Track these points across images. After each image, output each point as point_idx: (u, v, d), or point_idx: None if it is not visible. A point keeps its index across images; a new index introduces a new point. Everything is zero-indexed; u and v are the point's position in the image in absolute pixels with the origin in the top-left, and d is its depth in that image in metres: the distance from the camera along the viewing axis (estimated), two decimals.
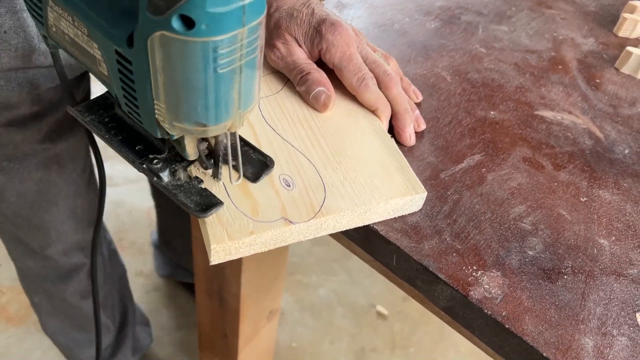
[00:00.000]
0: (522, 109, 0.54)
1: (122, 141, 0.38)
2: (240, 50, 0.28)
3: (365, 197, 0.40)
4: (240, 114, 0.32)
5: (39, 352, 1.16)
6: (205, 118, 0.30)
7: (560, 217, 0.44)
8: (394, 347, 1.28)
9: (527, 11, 0.72)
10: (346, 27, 0.46)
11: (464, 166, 0.47)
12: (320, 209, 0.38)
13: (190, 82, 0.28)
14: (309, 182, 0.40)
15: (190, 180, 0.38)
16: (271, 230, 0.36)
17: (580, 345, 0.36)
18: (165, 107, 0.30)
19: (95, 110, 0.40)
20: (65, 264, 0.77)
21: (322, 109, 0.45)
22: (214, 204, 0.36)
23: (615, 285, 0.40)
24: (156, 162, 0.37)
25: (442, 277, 0.38)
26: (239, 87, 0.30)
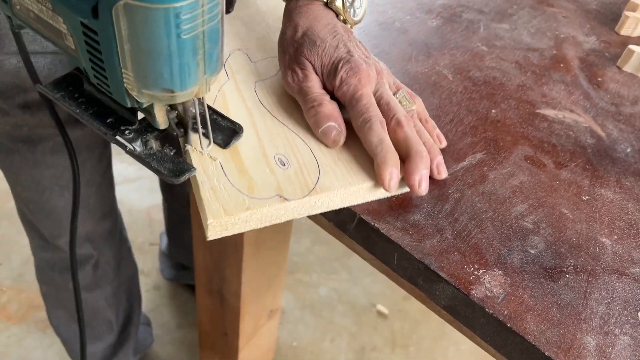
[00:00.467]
0: (523, 107, 0.54)
1: (92, 115, 0.39)
2: (202, 16, 0.29)
3: (358, 177, 0.41)
4: (206, 80, 0.33)
5: (39, 351, 1.16)
6: (172, 84, 0.31)
7: (562, 216, 0.44)
8: (394, 345, 1.28)
9: (529, 9, 0.72)
10: (365, 69, 0.43)
11: (465, 164, 0.46)
12: (315, 187, 0.39)
13: (155, 49, 0.29)
14: (303, 162, 0.41)
15: (162, 149, 0.39)
16: (266, 206, 0.37)
17: (582, 344, 0.36)
18: (133, 75, 0.31)
19: (64, 87, 0.40)
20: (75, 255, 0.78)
21: (332, 145, 0.42)
22: (187, 169, 0.37)
23: (618, 284, 0.40)
24: (128, 133, 0.38)
25: (443, 276, 0.38)
26: (203, 52, 0.31)
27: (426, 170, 0.41)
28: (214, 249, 0.77)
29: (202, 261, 0.83)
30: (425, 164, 0.40)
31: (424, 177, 0.40)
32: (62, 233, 0.74)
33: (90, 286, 0.84)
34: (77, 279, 0.56)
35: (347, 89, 0.43)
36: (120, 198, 0.90)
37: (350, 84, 0.42)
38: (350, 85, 0.42)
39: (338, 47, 0.44)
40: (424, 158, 0.41)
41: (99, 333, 0.93)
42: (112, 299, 0.90)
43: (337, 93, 0.43)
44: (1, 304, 1.24)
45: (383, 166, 0.40)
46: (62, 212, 0.71)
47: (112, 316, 0.92)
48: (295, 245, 1.46)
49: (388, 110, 0.42)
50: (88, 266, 0.81)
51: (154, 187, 1.51)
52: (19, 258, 1.33)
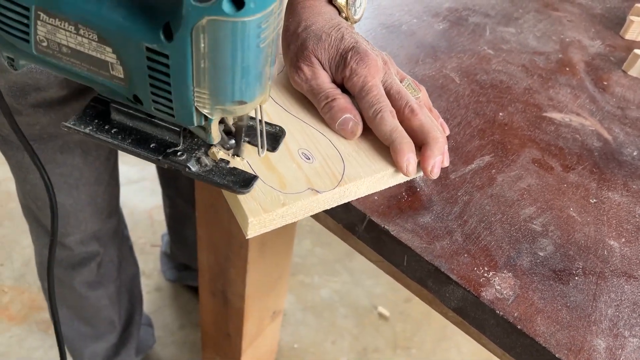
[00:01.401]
0: (530, 110, 0.54)
1: (134, 143, 0.38)
2: (274, 22, 0.29)
3: (381, 164, 0.42)
4: (269, 86, 0.33)
5: (40, 352, 1.16)
6: (246, 95, 0.31)
7: (570, 219, 0.44)
8: (396, 347, 1.28)
9: (534, 13, 0.72)
10: (373, 58, 0.44)
11: (473, 167, 0.47)
12: (342, 177, 0.40)
13: (236, 62, 0.29)
14: (326, 154, 0.42)
15: (216, 164, 0.39)
16: (300, 200, 0.38)
17: (592, 346, 0.36)
18: (207, 92, 0.31)
19: (89, 121, 0.39)
20: (80, 252, 0.78)
21: (350, 137, 0.43)
22: (251, 178, 0.38)
23: (627, 287, 0.40)
24: (180, 154, 0.38)
25: (453, 278, 0.38)
26: (271, 59, 0.31)
27: (441, 155, 0.42)
28: (218, 250, 0.77)
29: (206, 262, 0.83)
30: (440, 149, 0.42)
31: (438, 163, 0.42)
32: (69, 231, 0.74)
33: (94, 284, 0.84)
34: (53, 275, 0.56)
35: (357, 80, 0.43)
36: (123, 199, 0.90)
37: (360, 74, 0.43)
38: (360, 76, 0.43)
39: (344, 39, 0.44)
40: (440, 144, 0.42)
41: (102, 332, 0.93)
42: (114, 298, 0.90)
43: (347, 84, 0.44)
44: (3, 304, 1.24)
45: (400, 153, 0.41)
46: (70, 209, 0.71)
47: (115, 315, 0.92)
48: (297, 247, 1.46)
49: (400, 99, 0.43)
50: (93, 264, 0.81)
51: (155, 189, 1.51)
52: (21, 259, 1.33)
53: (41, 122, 0.60)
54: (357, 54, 0.43)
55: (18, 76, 0.54)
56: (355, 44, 0.44)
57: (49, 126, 0.61)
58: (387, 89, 0.44)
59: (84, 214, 0.73)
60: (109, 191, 0.75)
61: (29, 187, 0.69)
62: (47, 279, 0.85)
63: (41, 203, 0.71)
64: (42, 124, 0.60)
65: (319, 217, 0.49)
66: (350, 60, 0.43)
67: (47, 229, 0.75)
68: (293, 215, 0.39)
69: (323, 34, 0.44)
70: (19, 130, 0.42)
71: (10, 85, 0.55)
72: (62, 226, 0.73)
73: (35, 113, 0.59)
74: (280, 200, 0.38)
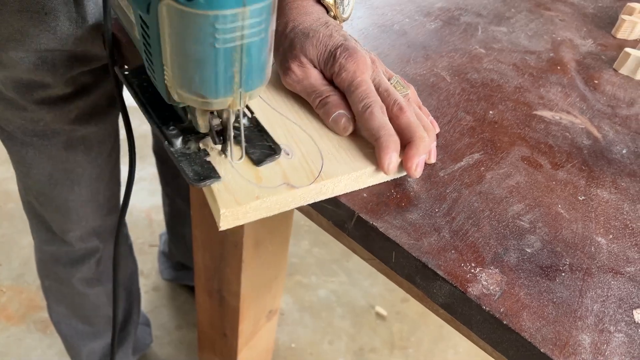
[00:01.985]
0: (520, 108, 0.55)
1: (151, 105, 0.40)
2: (242, 31, 0.29)
3: (360, 162, 0.42)
4: (240, 93, 0.33)
5: (38, 351, 1.16)
6: (203, 90, 0.32)
7: (558, 216, 0.44)
8: (393, 347, 1.28)
9: (526, 13, 0.72)
10: (362, 54, 0.44)
11: (463, 165, 0.47)
12: (320, 174, 0.41)
13: (188, 53, 0.30)
14: (306, 151, 0.42)
15: (198, 152, 0.39)
16: (275, 194, 0.39)
17: (577, 341, 0.36)
18: (171, 73, 0.32)
19: (139, 75, 0.42)
20: (80, 248, 0.79)
21: (343, 132, 0.43)
22: (211, 176, 0.38)
23: (613, 283, 0.40)
24: (172, 129, 0.39)
25: (440, 274, 0.39)
26: (239, 65, 0.31)
27: (425, 155, 0.42)
28: (213, 250, 0.78)
29: (201, 262, 0.83)
30: (425, 148, 0.42)
31: (421, 162, 0.42)
32: (71, 227, 0.75)
33: (93, 281, 0.84)
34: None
35: (345, 75, 0.43)
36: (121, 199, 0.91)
37: (349, 70, 0.43)
38: (349, 71, 0.43)
39: (332, 36, 0.45)
40: (425, 143, 0.42)
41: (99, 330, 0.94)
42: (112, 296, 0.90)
43: (336, 79, 0.44)
44: (1, 304, 1.24)
45: (385, 150, 0.41)
46: (72, 205, 0.72)
47: None
48: (294, 247, 1.46)
49: (388, 97, 0.43)
50: (92, 261, 0.82)
51: (154, 189, 1.51)
52: (19, 258, 1.33)
53: (45, 118, 0.61)
54: (346, 50, 0.44)
55: (24, 73, 0.54)
56: (344, 41, 0.44)
57: (52, 122, 0.62)
58: (375, 86, 0.44)
59: (85, 209, 0.74)
60: (109, 188, 0.76)
61: (31, 182, 0.70)
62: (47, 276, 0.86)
63: (43, 198, 0.71)
64: (46, 120, 0.61)
65: (312, 215, 0.50)
66: (339, 56, 0.44)
67: (48, 226, 0.76)
68: (267, 209, 0.39)
69: (311, 32, 0.45)
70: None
71: (16, 81, 0.55)
72: (63, 222, 0.74)
73: (39, 110, 0.59)
74: (255, 193, 0.38)
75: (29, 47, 0.52)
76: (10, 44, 0.51)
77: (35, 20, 0.50)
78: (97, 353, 0.97)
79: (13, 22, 0.50)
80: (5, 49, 0.51)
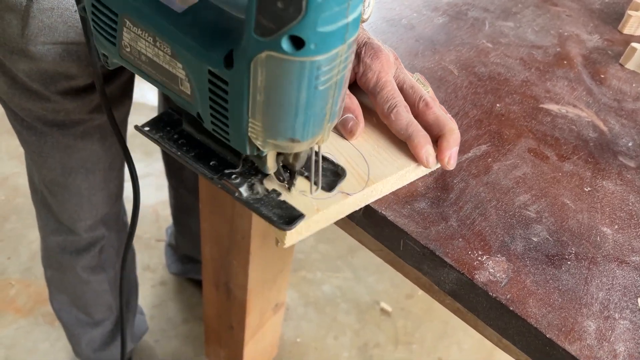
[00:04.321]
0: (527, 102, 0.55)
1: (195, 157, 0.39)
2: (339, 66, 0.29)
3: (403, 160, 0.43)
4: (328, 127, 0.32)
5: (46, 344, 1.18)
6: (300, 134, 0.31)
7: (564, 206, 0.45)
8: (397, 343, 1.28)
9: (533, 8, 0.73)
10: (386, 53, 0.45)
11: (470, 156, 0.48)
12: (369, 177, 0.41)
13: (291, 100, 0.29)
14: (349, 156, 0.43)
15: (268, 194, 0.38)
16: (333, 204, 0.39)
17: (582, 327, 0.37)
18: (261, 125, 0.31)
19: (161, 128, 0.40)
20: (87, 237, 0.80)
21: (349, 136, 0.44)
22: (297, 216, 0.37)
23: (618, 272, 0.41)
24: (234, 177, 0.38)
25: (448, 261, 0.39)
26: (332, 101, 0.31)
27: (457, 146, 0.43)
28: (221, 242, 0.79)
29: (209, 255, 0.84)
30: (456, 141, 0.43)
31: (454, 154, 0.43)
32: (82, 216, 0.76)
33: (96, 269, 0.86)
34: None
35: (371, 75, 0.44)
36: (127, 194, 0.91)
37: (375, 70, 0.44)
38: (374, 71, 0.44)
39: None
40: (455, 135, 0.43)
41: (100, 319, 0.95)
42: (113, 284, 0.91)
43: (361, 80, 0.45)
44: (10, 297, 1.25)
45: (419, 146, 0.42)
46: (84, 193, 0.73)
47: (113, 301, 0.94)
48: (300, 243, 1.47)
49: (414, 94, 0.44)
50: (96, 249, 0.83)
51: (161, 184, 1.53)
52: (28, 252, 1.35)
53: (67, 108, 0.62)
54: (371, 49, 0.44)
55: (50, 65, 0.55)
56: (368, 40, 0.45)
57: (73, 112, 0.63)
58: (399, 83, 0.45)
59: (97, 197, 0.76)
60: (119, 176, 0.78)
61: (45, 171, 0.71)
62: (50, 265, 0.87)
63: (57, 188, 0.73)
64: (68, 110, 0.62)
65: None
66: (365, 55, 0.44)
67: (56, 216, 0.77)
68: (326, 220, 0.40)
69: None
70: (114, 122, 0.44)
71: (42, 72, 0.56)
72: (74, 211, 0.75)
73: (62, 100, 0.61)
74: (315, 206, 0.38)
75: (56, 41, 0.53)
76: (40, 38, 0.53)
77: (65, 17, 0.52)
78: (96, 341, 0.98)
79: (44, 18, 0.51)
80: (34, 42, 0.53)
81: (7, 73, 0.58)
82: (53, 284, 0.92)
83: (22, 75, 0.57)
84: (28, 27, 0.51)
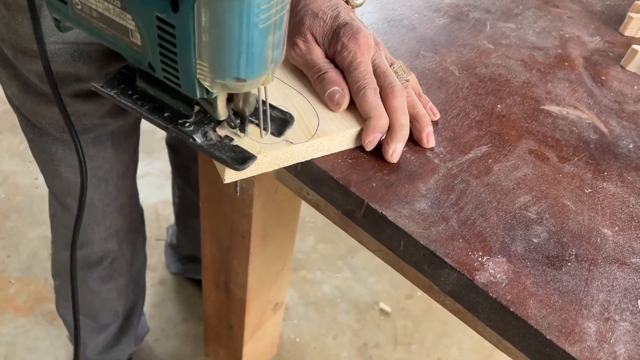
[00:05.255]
0: (528, 103, 0.55)
1: (150, 110, 0.41)
2: (276, 6, 0.31)
3: (353, 121, 0.45)
4: (272, 68, 0.35)
5: (46, 342, 1.18)
6: (245, 72, 0.33)
7: (565, 207, 0.45)
8: (397, 343, 1.28)
9: (534, 9, 0.73)
10: (365, 35, 0.46)
11: (471, 157, 0.48)
12: (316, 131, 0.44)
13: (234, 38, 0.31)
14: (303, 111, 0.45)
15: (221, 139, 0.41)
16: (275, 150, 0.41)
17: (583, 329, 0.37)
18: (208, 65, 0.33)
19: (116, 85, 0.42)
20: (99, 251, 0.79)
21: (335, 108, 0.46)
22: (249, 157, 0.40)
23: (618, 273, 0.41)
24: (188, 125, 0.40)
25: (448, 262, 0.39)
26: (272, 41, 0.33)
27: (402, 143, 0.45)
28: (221, 241, 0.79)
29: (209, 253, 0.84)
30: (402, 138, 0.44)
31: (398, 149, 0.45)
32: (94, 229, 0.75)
33: (106, 278, 0.85)
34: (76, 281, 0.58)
35: (346, 54, 0.45)
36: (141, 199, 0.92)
37: (351, 49, 0.45)
38: (350, 51, 0.45)
39: (339, 17, 0.47)
40: (403, 133, 0.44)
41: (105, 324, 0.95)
42: (122, 291, 0.91)
43: (337, 58, 0.46)
44: (10, 295, 1.25)
45: (370, 130, 0.44)
46: (97, 204, 0.72)
47: (120, 307, 0.94)
48: (300, 243, 1.47)
49: (384, 79, 0.46)
50: (108, 261, 0.82)
51: (162, 184, 1.53)
52: (28, 251, 1.35)
53: (78, 112, 0.61)
54: (350, 30, 0.45)
55: (61, 66, 0.55)
56: (350, 21, 0.46)
57: (84, 117, 0.62)
58: (374, 67, 0.46)
59: (110, 208, 0.74)
60: (132, 186, 0.77)
61: (58, 181, 0.70)
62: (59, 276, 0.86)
63: (69, 200, 0.71)
64: (79, 114, 0.62)
65: (320, 207, 0.51)
66: (342, 35, 0.45)
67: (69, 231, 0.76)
68: (267, 164, 0.42)
69: (320, 12, 0.47)
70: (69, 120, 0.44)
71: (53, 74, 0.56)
72: (88, 225, 0.73)
73: (74, 103, 0.60)
74: (257, 148, 0.41)
75: (67, 40, 0.53)
76: (51, 37, 0.52)
77: None
78: (100, 344, 0.98)
79: None
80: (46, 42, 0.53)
81: (20, 77, 0.58)
82: (61, 294, 0.92)
83: (34, 78, 0.57)
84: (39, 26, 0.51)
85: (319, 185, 0.46)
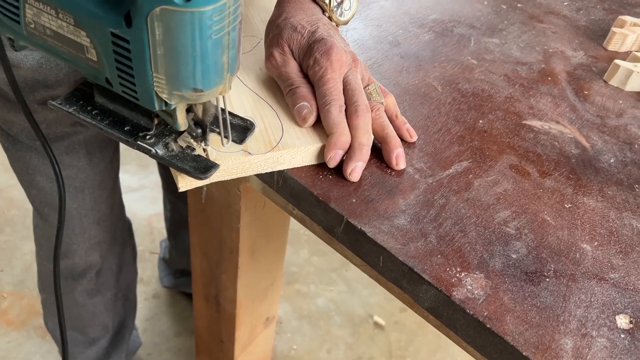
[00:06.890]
0: (510, 118, 0.56)
1: (110, 125, 0.41)
2: (228, 17, 0.32)
3: (316, 137, 0.46)
4: (228, 78, 0.35)
5: (37, 356, 1.17)
6: (201, 83, 0.34)
7: (545, 223, 0.45)
8: (391, 357, 1.28)
9: (519, 25, 0.74)
10: (339, 52, 0.46)
11: (451, 172, 0.48)
12: (277, 144, 0.44)
13: (188, 50, 0.32)
14: (269, 124, 0.46)
15: (183, 150, 0.41)
16: (232, 159, 0.42)
17: (559, 345, 0.37)
18: (164, 77, 0.33)
19: (75, 102, 0.42)
20: (82, 262, 0.79)
21: (302, 123, 0.46)
22: (211, 165, 0.41)
23: (597, 289, 0.41)
24: (149, 138, 0.41)
25: (426, 278, 0.39)
26: (227, 52, 0.33)
27: (362, 162, 0.45)
28: (210, 255, 0.79)
29: (199, 267, 0.84)
30: (361, 157, 0.45)
31: (357, 168, 0.45)
32: (74, 239, 0.75)
33: (93, 292, 0.85)
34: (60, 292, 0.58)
35: (317, 69, 0.46)
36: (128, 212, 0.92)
37: (322, 65, 0.46)
38: (321, 67, 0.46)
39: (316, 32, 0.47)
40: (362, 152, 0.45)
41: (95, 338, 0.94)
42: (110, 305, 0.91)
43: (309, 72, 0.47)
44: (2, 309, 1.25)
45: (331, 146, 0.44)
46: (75, 214, 0.72)
47: (109, 321, 0.93)
48: (294, 256, 1.47)
49: (352, 97, 0.46)
50: (92, 273, 0.82)
51: (155, 197, 1.53)
52: (21, 264, 1.34)
53: (48, 119, 0.61)
54: (324, 45, 0.46)
55: (28, 72, 0.55)
56: (326, 37, 0.47)
57: (54, 124, 0.62)
58: (345, 84, 0.47)
59: (88, 219, 0.74)
60: (111, 197, 0.77)
61: (35, 191, 0.70)
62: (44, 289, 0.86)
63: (48, 209, 0.71)
64: (49, 121, 0.62)
65: (306, 222, 0.51)
66: (316, 50, 0.46)
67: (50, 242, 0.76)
68: (224, 172, 0.42)
69: (299, 26, 0.48)
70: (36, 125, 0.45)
71: (21, 81, 0.56)
72: (67, 235, 0.74)
73: (42, 110, 0.60)
74: (213, 156, 0.41)
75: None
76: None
77: None
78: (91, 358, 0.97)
79: None
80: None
81: None
82: (48, 307, 0.92)
83: (3, 85, 0.57)
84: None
85: (300, 201, 0.46)
